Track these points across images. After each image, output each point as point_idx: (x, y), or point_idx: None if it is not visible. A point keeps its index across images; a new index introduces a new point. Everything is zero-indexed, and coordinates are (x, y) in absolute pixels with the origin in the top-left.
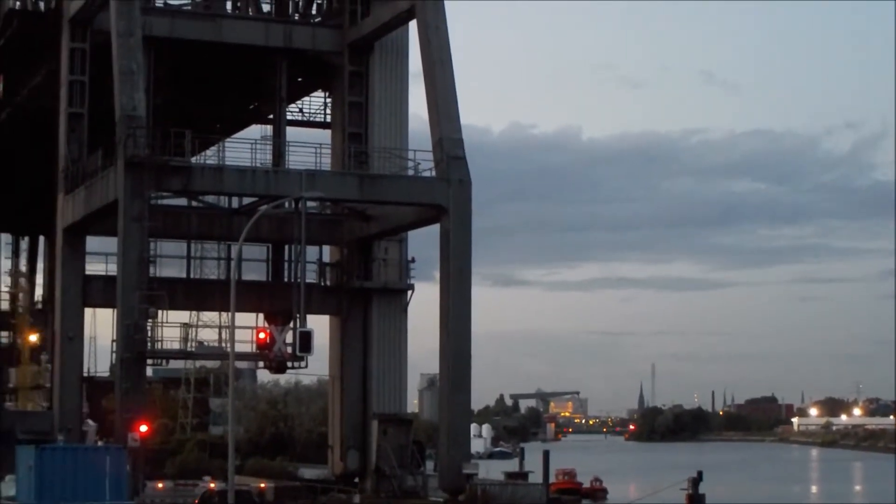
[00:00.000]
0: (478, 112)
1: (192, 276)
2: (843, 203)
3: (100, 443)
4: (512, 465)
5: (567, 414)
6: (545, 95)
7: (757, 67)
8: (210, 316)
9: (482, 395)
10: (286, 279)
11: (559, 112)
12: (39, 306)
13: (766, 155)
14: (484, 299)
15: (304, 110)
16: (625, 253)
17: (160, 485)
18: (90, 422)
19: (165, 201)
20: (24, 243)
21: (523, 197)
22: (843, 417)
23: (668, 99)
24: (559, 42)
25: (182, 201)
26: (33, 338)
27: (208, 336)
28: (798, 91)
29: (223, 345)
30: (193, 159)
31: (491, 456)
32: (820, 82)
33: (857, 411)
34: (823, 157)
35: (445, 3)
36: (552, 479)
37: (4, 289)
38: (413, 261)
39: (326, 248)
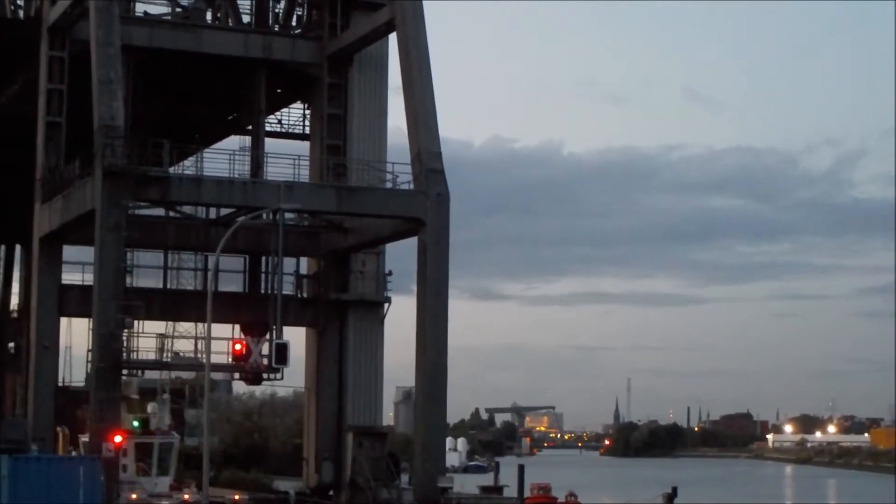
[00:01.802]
0: (459, 125)
1: (168, 286)
2: (822, 220)
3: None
4: (487, 480)
5: (542, 428)
6: (527, 110)
7: (738, 84)
8: (186, 327)
9: (458, 408)
10: (263, 290)
11: (541, 126)
12: (15, 315)
13: (746, 171)
14: (462, 313)
15: (283, 122)
16: (604, 268)
17: (133, 496)
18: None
19: (143, 211)
20: (0, 251)
21: (503, 211)
22: (818, 434)
23: (649, 115)
24: (542, 57)
25: (160, 211)
26: None
27: (184, 347)
28: (779, 108)
29: (199, 356)
30: (171, 169)
31: (466, 470)
32: (801, 99)
33: (831, 428)
34: (803, 174)
35: (426, 16)
36: (527, 494)
37: None
38: (390, 273)
39: (304, 260)
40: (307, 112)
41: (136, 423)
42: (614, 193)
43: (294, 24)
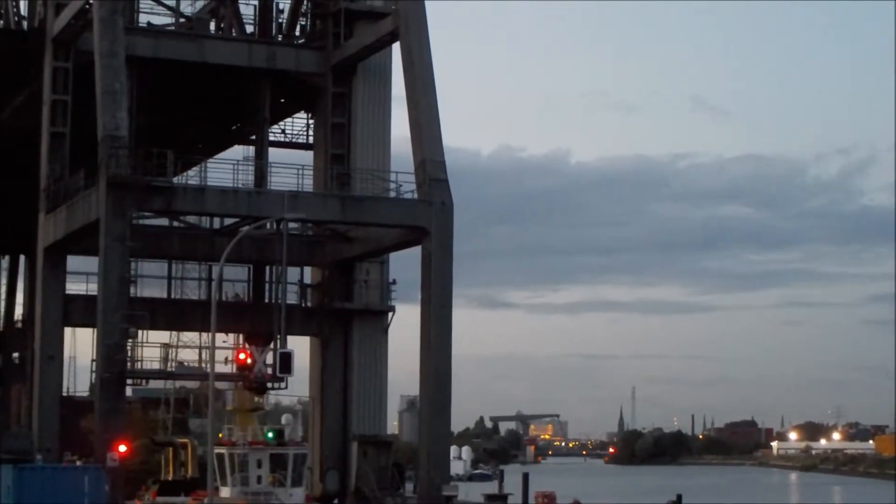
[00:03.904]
0: (467, 134)
1: (173, 296)
2: (831, 228)
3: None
4: (492, 488)
5: (547, 437)
6: (535, 119)
7: (747, 93)
8: (190, 336)
9: (462, 416)
10: (267, 300)
11: (549, 135)
12: (19, 325)
13: (755, 180)
14: (468, 321)
15: (287, 131)
16: (611, 276)
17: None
18: None
19: (147, 221)
20: (5, 262)
21: (511, 219)
22: (823, 442)
23: (657, 124)
24: (551, 66)
25: (164, 221)
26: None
27: (188, 356)
28: (788, 117)
29: (203, 365)
30: (175, 180)
31: (471, 478)
32: (810, 108)
33: (836, 436)
34: (812, 182)
35: (432, 25)
36: (531, 502)
37: None
38: (394, 282)
39: (308, 270)
40: (311, 122)
41: (270, 435)
42: (622, 202)
43: (298, 34)
